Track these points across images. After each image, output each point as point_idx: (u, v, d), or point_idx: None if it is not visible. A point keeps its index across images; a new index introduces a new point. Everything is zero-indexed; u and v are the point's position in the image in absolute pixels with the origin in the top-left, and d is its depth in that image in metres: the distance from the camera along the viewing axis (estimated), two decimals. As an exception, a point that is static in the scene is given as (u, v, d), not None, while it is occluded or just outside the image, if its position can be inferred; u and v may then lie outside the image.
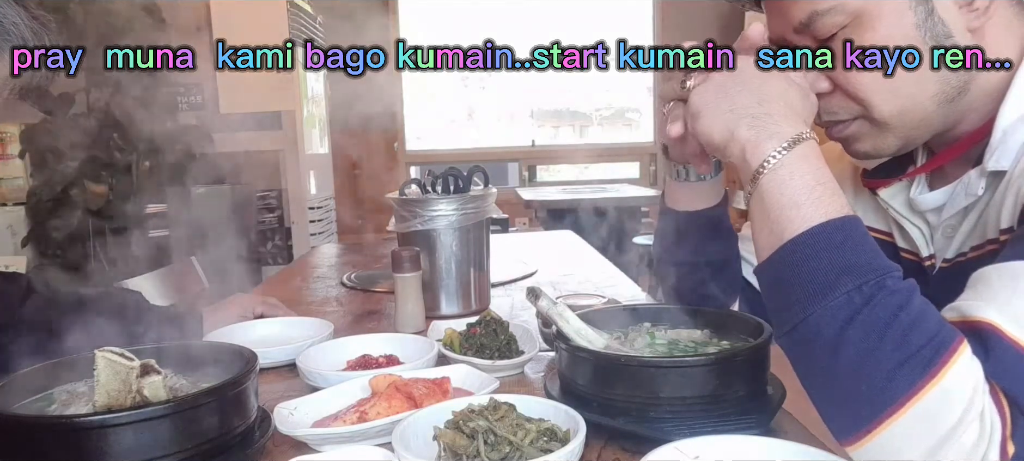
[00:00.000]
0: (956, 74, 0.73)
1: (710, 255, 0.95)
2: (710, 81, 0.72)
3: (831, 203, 0.64)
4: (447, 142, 6.28)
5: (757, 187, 0.67)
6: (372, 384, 0.85)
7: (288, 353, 1.05)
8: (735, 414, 0.75)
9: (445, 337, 1.06)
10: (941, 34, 0.71)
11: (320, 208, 4.47)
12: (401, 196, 1.37)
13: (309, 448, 0.75)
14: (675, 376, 0.75)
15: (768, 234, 0.67)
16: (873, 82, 0.73)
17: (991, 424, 0.58)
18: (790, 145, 0.66)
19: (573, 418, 0.71)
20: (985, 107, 0.75)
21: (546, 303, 0.87)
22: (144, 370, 0.70)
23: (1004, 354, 0.59)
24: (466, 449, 0.67)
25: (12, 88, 0.75)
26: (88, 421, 0.65)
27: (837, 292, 0.61)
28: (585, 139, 6.50)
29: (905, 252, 0.86)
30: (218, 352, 0.84)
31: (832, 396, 0.63)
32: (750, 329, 0.84)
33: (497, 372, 0.95)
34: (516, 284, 1.66)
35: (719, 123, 0.70)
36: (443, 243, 1.34)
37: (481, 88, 6.41)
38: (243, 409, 0.74)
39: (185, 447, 0.67)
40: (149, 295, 1.20)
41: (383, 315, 1.41)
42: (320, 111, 4.73)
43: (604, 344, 0.85)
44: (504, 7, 6.11)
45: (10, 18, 0.71)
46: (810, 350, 0.63)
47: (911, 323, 0.59)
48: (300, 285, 1.78)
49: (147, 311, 1.11)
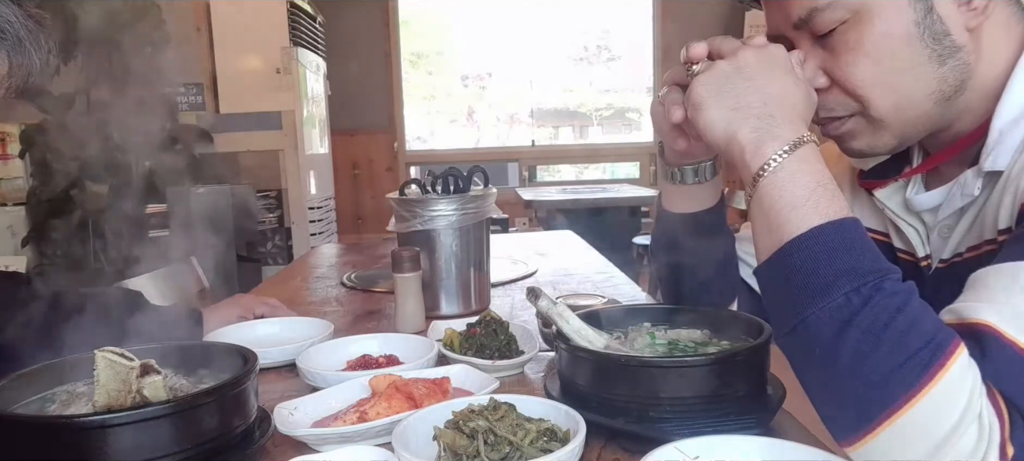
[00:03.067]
0: (954, 72, 0.73)
1: (707, 257, 0.94)
2: (713, 70, 0.72)
3: (830, 205, 0.65)
4: (447, 142, 6.28)
5: (757, 189, 0.67)
6: (372, 384, 0.85)
7: (288, 353, 1.05)
8: (735, 414, 0.75)
9: (445, 337, 1.06)
10: (939, 32, 0.71)
11: (320, 208, 4.47)
12: (401, 196, 1.37)
13: (309, 448, 0.75)
14: (675, 376, 0.75)
15: (767, 236, 0.67)
16: (871, 78, 0.73)
17: (990, 426, 0.58)
18: (791, 148, 0.66)
19: (573, 418, 0.71)
20: (981, 106, 0.75)
21: (546, 303, 0.87)
22: (144, 370, 0.70)
23: (1003, 356, 0.59)
24: (466, 449, 0.67)
25: (8, 87, 0.74)
26: (88, 421, 0.66)
27: (836, 294, 0.61)
28: (585, 139, 6.51)
29: (901, 252, 0.86)
30: (218, 352, 0.84)
31: (831, 397, 0.63)
32: (750, 329, 0.84)
33: (497, 372, 0.95)
34: (516, 284, 1.66)
35: (721, 121, 0.69)
36: (443, 243, 1.34)
37: (481, 88, 6.41)
38: (243, 409, 0.74)
39: (185, 447, 0.67)
40: (149, 295, 1.20)
41: (383, 315, 1.41)
42: (320, 111, 4.73)
43: (604, 344, 0.85)
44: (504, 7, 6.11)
45: (5, 16, 0.70)
46: (809, 351, 0.63)
47: (909, 325, 0.59)
48: (300, 285, 1.79)
49: (147, 311, 1.11)
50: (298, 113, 4.15)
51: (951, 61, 0.72)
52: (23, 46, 0.72)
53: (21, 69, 0.73)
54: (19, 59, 0.72)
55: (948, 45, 0.72)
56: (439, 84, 6.38)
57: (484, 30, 6.20)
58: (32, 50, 0.73)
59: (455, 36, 6.25)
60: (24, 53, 0.72)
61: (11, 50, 0.71)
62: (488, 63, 6.33)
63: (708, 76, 0.72)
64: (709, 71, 0.72)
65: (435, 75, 6.38)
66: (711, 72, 0.72)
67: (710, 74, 0.72)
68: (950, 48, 0.72)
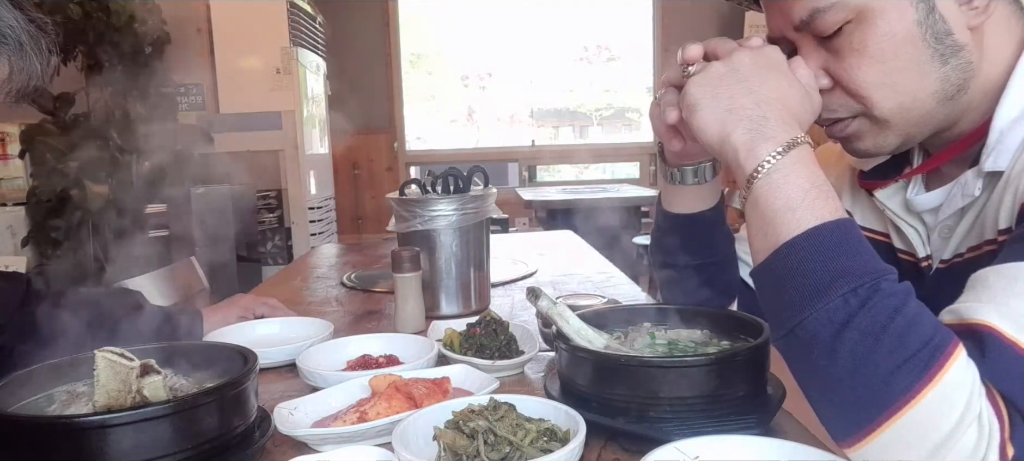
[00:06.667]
0: (956, 71, 0.73)
1: (707, 258, 0.94)
2: (708, 71, 0.72)
3: (825, 206, 0.64)
4: (447, 142, 6.28)
5: (752, 191, 0.67)
6: (372, 384, 0.85)
7: (288, 353, 1.05)
8: (735, 414, 0.75)
9: (445, 337, 1.06)
10: (941, 31, 0.71)
11: (320, 208, 4.47)
12: (401, 196, 1.37)
13: (309, 448, 0.75)
14: (675, 376, 0.75)
15: (763, 238, 0.67)
16: (874, 79, 0.73)
17: (989, 426, 0.58)
18: (785, 149, 0.66)
19: (573, 418, 0.71)
20: (982, 106, 0.75)
21: (546, 303, 0.87)
22: (144, 370, 0.70)
23: (1003, 356, 0.59)
24: (466, 449, 0.67)
25: (9, 91, 0.74)
26: (88, 421, 0.66)
27: (833, 295, 0.61)
28: (585, 139, 6.50)
29: (902, 253, 0.86)
30: (218, 352, 0.84)
31: (829, 398, 0.63)
32: (750, 329, 0.84)
33: (497, 372, 0.95)
34: (516, 284, 1.66)
35: (715, 123, 0.69)
36: (443, 243, 1.34)
37: (481, 88, 6.41)
38: (243, 409, 0.74)
39: (185, 447, 0.67)
40: (149, 295, 1.20)
41: (383, 315, 1.41)
42: (320, 111, 4.73)
43: (604, 344, 0.85)
44: (504, 7, 6.11)
45: (7, 21, 0.70)
46: (807, 353, 0.63)
47: (907, 326, 0.59)
48: (300, 285, 1.78)
49: (147, 311, 1.11)
50: (298, 113, 4.15)
51: (954, 60, 0.72)
52: (24, 50, 0.72)
53: (22, 73, 0.73)
54: (20, 63, 0.72)
55: (950, 44, 0.72)
56: (439, 84, 6.38)
57: (484, 30, 6.20)
58: (33, 54, 0.73)
59: (455, 36, 6.24)
60: (25, 57, 0.72)
61: (12, 54, 0.71)
62: (488, 63, 6.33)
63: (703, 77, 0.72)
64: (704, 72, 0.72)
65: (435, 75, 6.38)
66: (706, 73, 0.72)
67: (705, 75, 0.72)
68: (952, 47, 0.72)
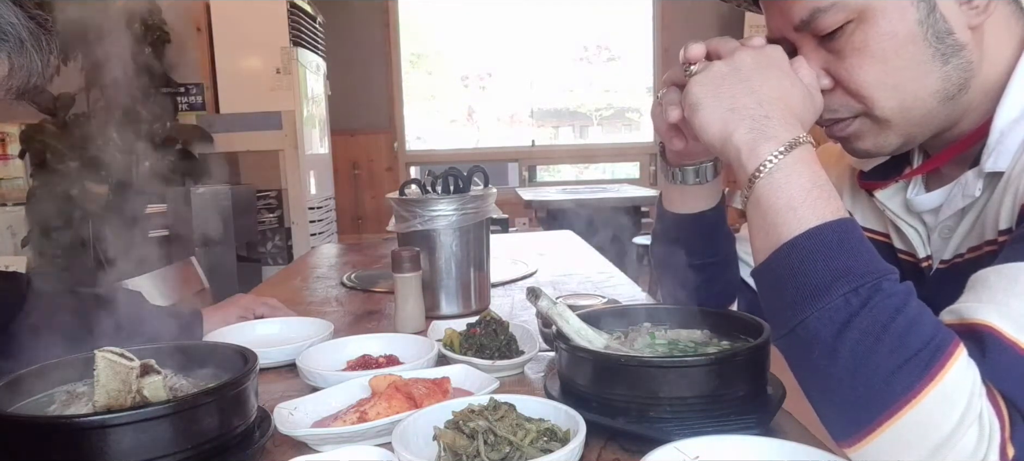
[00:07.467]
0: (957, 71, 0.73)
1: (708, 258, 0.94)
2: (710, 71, 0.72)
3: (827, 206, 0.64)
4: (447, 142, 6.28)
5: (753, 191, 0.67)
6: (372, 384, 0.85)
7: (288, 353, 1.05)
8: (735, 414, 0.75)
9: (445, 337, 1.06)
10: (942, 30, 0.71)
11: (320, 208, 4.47)
12: (401, 196, 1.37)
13: (309, 448, 0.75)
14: (675, 376, 0.75)
15: (765, 237, 0.67)
16: (875, 79, 0.73)
17: (990, 427, 0.58)
18: (787, 149, 0.66)
19: (573, 418, 0.71)
20: (983, 106, 0.75)
21: (546, 303, 0.87)
22: (144, 370, 0.70)
23: (1003, 356, 0.59)
24: (466, 449, 0.67)
25: (9, 88, 0.74)
26: (88, 421, 0.65)
27: (834, 295, 0.61)
28: (585, 139, 6.50)
29: (902, 253, 0.86)
30: (218, 352, 0.84)
31: (830, 398, 0.63)
32: (750, 329, 0.84)
33: (497, 372, 0.95)
34: (516, 284, 1.66)
35: (717, 122, 0.69)
36: (443, 243, 1.34)
37: (481, 88, 6.41)
38: (243, 409, 0.74)
39: (185, 447, 0.67)
40: (149, 295, 1.20)
41: (383, 315, 1.41)
42: (320, 111, 4.73)
43: (604, 344, 0.85)
44: (504, 7, 6.10)
45: (7, 19, 0.70)
46: (807, 353, 0.63)
47: (908, 326, 0.59)
48: (300, 285, 1.78)
49: (147, 311, 1.11)
50: (298, 113, 4.15)
51: (954, 60, 0.72)
52: (24, 48, 0.72)
53: (22, 71, 0.73)
54: (20, 61, 0.72)
55: (951, 44, 0.72)
56: (439, 84, 6.38)
57: (484, 30, 6.20)
58: (34, 52, 0.72)
59: (455, 36, 6.24)
60: (25, 55, 0.72)
61: (12, 52, 0.71)
62: (488, 63, 6.33)
63: (705, 76, 0.72)
64: (706, 72, 0.72)
65: (435, 75, 6.38)
66: (708, 73, 0.72)
67: (707, 75, 0.72)
68: (953, 47, 0.72)
